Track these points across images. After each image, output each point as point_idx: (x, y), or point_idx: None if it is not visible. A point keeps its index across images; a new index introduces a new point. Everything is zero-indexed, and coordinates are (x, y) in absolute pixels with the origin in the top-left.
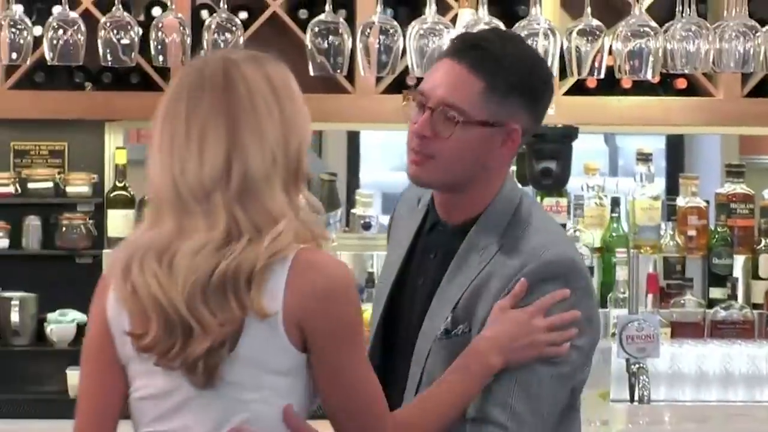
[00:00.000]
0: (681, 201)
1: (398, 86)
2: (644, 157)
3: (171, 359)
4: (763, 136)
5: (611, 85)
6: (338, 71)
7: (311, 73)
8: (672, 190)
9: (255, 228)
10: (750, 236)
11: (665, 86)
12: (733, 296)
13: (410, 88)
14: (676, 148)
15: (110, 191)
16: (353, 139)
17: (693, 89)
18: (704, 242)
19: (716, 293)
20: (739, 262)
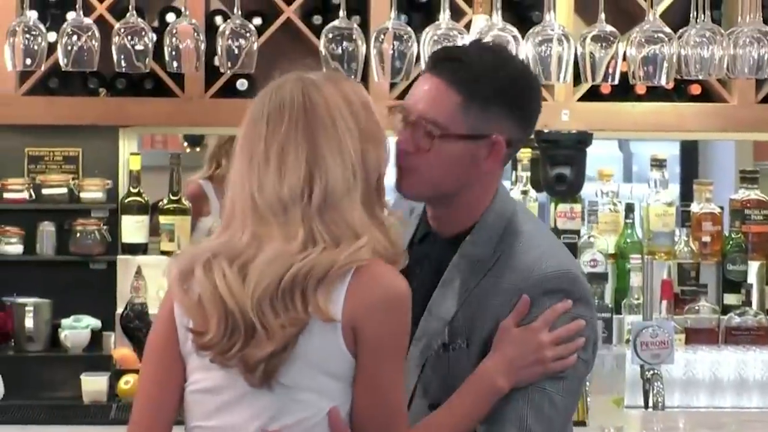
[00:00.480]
0: (695, 207)
1: None
2: (658, 163)
3: (229, 358)
4: None
5: (625, 91)
6: (352, 77)
7: None
8: (686, 196)
9: (333, 239)
10: (764, 242)
11: (679, 92)
12: (748, 302)
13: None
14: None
15: (124, 197)
16: None
17: (707, 95)
18: (718, 248)
19: (731, 299)
20: (754, 268)
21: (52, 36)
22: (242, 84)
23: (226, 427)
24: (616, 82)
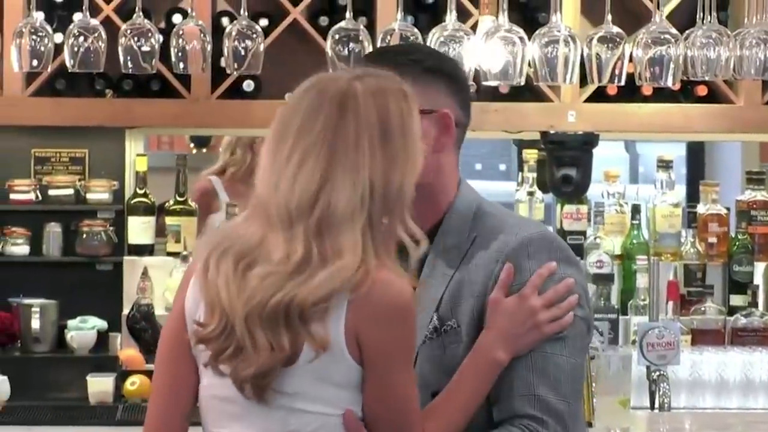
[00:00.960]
0: (701, 208)
1: None
2: (665, 164)
3: (221, 362)
4: None
5: (632, 92)
6: None
7: None
8: (692, 197)
9: (322, 260)
10: None
11: (686, 93)
12: (754, 303)
13: None
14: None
15: (131, 198)
16: None
17: (713, 96)
18: (725, 249)
19: (737, 300)
20: (760, 270)
21: (59, 37)
22: (248, 85)
23: None
24: (623, 83)
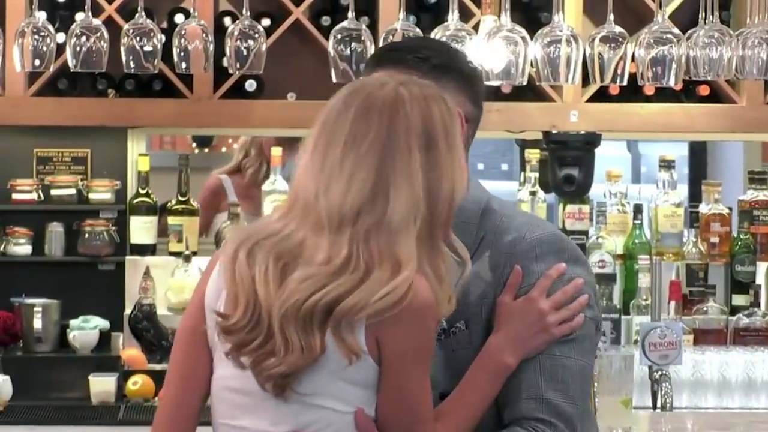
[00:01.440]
0: (704, 208)
1: None
2: (667, 164)
3: (245, 354)
4: None
5: (634, 92)
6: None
7: (334, 80)
8: (695, 197)
9: (369, 265)
10: None
11: (688, 93)
12: (756, 303)
13: None
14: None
15: (133, 198)
16: None
17: (716, 96)
18: (727, 249)
19: (739, 300)
20: (762, 269)
21: (61, 37)
22: (251, 85)
23: (251, 429)
24: (625, 83)
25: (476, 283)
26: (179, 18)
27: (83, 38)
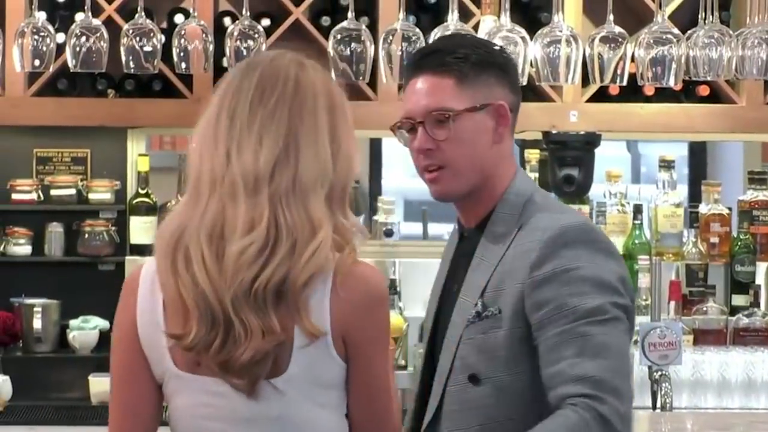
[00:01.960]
0: (703, 208)
1: None
2: (666, 164)
3: (211, 357)
4: None
5: (634, 92)
6: (360, 78)
7: (333, 80)
8: (694, 197)
9: (293, 233)
10: None
11: (688, 93)
12: (756, 303)
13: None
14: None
15: (132, 198)
16: (375, 146)
17: (715, 96)
18: (727, 249)
19: (739, 300)
20: (762, 269)
21: (61, 37)
22: None
23: None
24: (625, 83)
25: (511, 271)
26: (179, 18)
27: (83, 38)
